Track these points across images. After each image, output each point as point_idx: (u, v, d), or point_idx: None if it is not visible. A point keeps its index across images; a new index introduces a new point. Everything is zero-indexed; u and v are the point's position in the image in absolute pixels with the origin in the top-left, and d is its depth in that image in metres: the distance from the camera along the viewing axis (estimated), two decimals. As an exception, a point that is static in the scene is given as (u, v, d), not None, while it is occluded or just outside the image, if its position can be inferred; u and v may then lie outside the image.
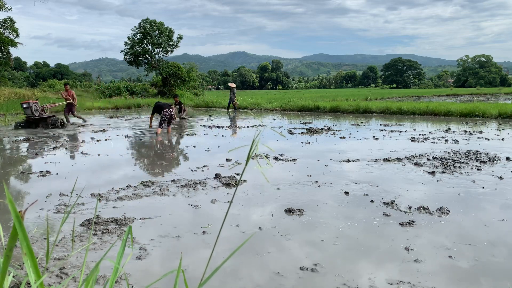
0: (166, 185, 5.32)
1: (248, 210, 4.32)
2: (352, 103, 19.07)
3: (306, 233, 3.62)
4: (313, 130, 11.37)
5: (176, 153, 8.50)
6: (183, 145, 9.31)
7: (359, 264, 3.00)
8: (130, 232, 1.55)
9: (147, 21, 35.77)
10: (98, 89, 35.74)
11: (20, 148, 9.12)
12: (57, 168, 6.61)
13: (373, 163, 6.76)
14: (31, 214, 4.20)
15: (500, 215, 4.05)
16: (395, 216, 4.02)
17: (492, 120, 14.01)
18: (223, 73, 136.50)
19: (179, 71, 34.74)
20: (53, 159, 7.46)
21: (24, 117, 13.38)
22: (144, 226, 3.85)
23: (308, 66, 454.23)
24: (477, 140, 9.20)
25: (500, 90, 53.73)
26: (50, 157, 7.75)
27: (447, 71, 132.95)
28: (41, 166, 6.83)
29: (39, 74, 74.67)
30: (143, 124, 14.48)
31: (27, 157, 7.91)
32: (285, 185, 5.32)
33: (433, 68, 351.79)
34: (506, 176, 5.67)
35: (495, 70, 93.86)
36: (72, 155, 7.97)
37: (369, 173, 6.00)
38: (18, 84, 46.88)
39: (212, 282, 2.69)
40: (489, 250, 3.21)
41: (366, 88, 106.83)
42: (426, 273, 2.83)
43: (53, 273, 2.86)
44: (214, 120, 15.72)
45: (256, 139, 1.31)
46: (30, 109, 12.99)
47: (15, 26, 28.73)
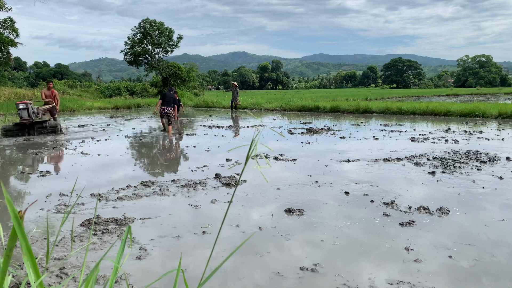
0: (166, 185, 5.32)
1: (248, 210, 4.31)
2: (352, 103, 19.07)
3: (306, 233, 3.62)
4: (313, 130, 11.37)
5: (176, 153, 8.51)
6: (183, 145, 9.31)
7: (359, 264, 3.00)
8: (130, 232, 1.55)
9: (147, 21, 35.80)
10: (98, 89, 35.78)
11: (20, 148, 9.11)
12: (57, 168, 6.61)
13: (373, 163, 6.75)
14: (31, 214, 4.20)
15: (500, 215, 4.04)
16: (395, 216, 4.02)
17: (492, 120, 14.01)
18: (223, 73, 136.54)
19: (179, 71, 34.76)
20: (53, 159, 7.46)
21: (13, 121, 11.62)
22: (144, 226, 3.85)
23: (308, 66, 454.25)
24: (477, 140, 9.20)
25: (500, 90, 53.75)
26: (50, 157, 7.75)
27: (447, 71, 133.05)
28: (41, 166, 6.83)
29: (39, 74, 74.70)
30: (143, 124, 14.49)
31: (26, 156, 7.90)
32: (285, 185, 5.32)
33: (433, 68, 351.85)
34: (506, 176, 5.67)
35: (495, 70, 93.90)
36: (72, 155, 7.97)
37: (369, 173, 5.99)
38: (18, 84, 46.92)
39: (212, 282, 2.69)
40: (489, 250, 3.21)
41: (366, 88, 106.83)
42: (426, 273, 2.83)
43: (53, 273, 2.86)
44: (214, 120, 15.72)
45: (255, 139, 1.31)
46: (27, 111, 11.13)
47: (15, 26, 28.75)
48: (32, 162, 7.32)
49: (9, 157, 8.05)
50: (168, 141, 10.19)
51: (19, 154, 8.31)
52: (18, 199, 4.94)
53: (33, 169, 6.65)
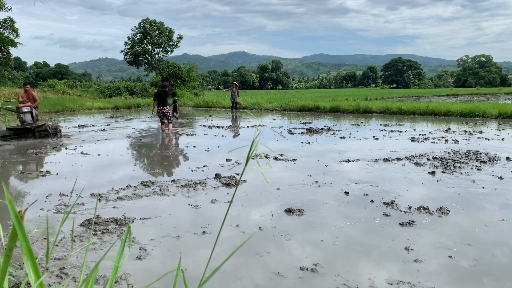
0: (166, 185, 5.32)
1: (248, 210, 4.31)
2: (352, 103, 19.07)
3: (306, 233, 3.62)
4: (313, 130, 11.37)
5: (176, 153, 8.51)
6: (183, 145, 9.31)
7: (359, 264, 3.00)
8: (129, 232, 1.55)
9: (147, 21, 35.79)
10: (98, 89, 35.77)
11: (20, 148, 9.11)
12: (57, 168, 6.61)
13: (373, 163, 6.75)
14: (31, 214, 4.20)
15: (500, 215, 4.04)
16: (395, 216, 4.02)
17: (492, 120, 14.00)
18: (223, 73, 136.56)
19: (179, 71, 34.76)
20: (53, 159, 7.46)
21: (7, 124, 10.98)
22: (144, 226, 3.85)
23: (308, 66, 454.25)
24: (477, 140, 9.20)
25: (500, 90, 53.72)
26: (50, 157, 7.75)
27: (447, 71, 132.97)
28: (41, 166, 6.83)
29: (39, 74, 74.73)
30: (143, 124, 14.49)
31: (27, 157, 7.90)
32: (285, 185, 5.32)
33: (433, 68, 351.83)
34: (506, 176, 5.67)
35: (495, 70, 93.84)
36: (72, 155, 7.97)
37: (369, 173, 5.99)
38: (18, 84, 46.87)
39: (212, 282, 2.68)
40: (489, 250, 3.21)
41: (366, 88, 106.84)
42: (426, 273, 2.83)
43: (53, 273, 2.86)
44: (214, 120, 15.72)
45: (256, 139, 1.31)
46: (31, 114, 10.47)
47: (15, 26, 28.74)
48: (32, 162, 7.32)
49: (9, 157, 8.05)
50: (168, 141, 10.19)
51: (19, 154, 8.31)
52: (18, 199, 4.94)
53: (33, 169, 6.65)
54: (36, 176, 6.08)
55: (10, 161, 7.62)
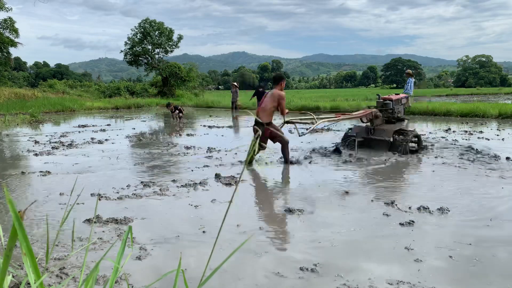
0: (166, 185, 5.32)
1: (248, 210, 4.31)
2: (352, 103, 19.07)
3: (306, 233, 3.62)
4: (313, 130, 11.35)
5: (176, 153, 8.50)
6: (183, 145, 9.30)
7: (359, 264, 3.00)
8: (130, 232, 1.55)
9: (147, 21, 35.78)
10: (98, 89, 35.77)
11: (20, 148, 9.11)
12: (57, 168, 6.61)
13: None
14: (31, 214, 4.20)
15: (500, 215, 4.04)
16: (395, 216, 4.02)
17: (492, 120, 14.00)
18: (223, 73, 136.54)
19: (179, 71, 34.74)
20: (53, 159, 7.46)
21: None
22: (144, 226, 3.85)
23: (308, 66, 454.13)
24: (477, 140, 9.19)
25: (500, 90, 53.68)
26: (50, 157, 7.75)
27: (447, 71, 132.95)
28: (41, 166, 6.83)
29: (39, 74, 74.76)
30: (143, 124, 14.48)
31: (27, 157, 7.90)
32: (285, 185, 5.32)
33: (433, 68, 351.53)
34: (506, 176, 5.66)
35: (495, 70, 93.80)
36: (72, 155, 7.97)
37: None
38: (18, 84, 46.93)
39: (212, 282, 2.68)
40: (489, 250, 3.20)
41: (366, 88, 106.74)
42: (426, 273, 2.83)
43: (53, 273, 2.86)
44: (214, 120, 15.72)
45: (255, 139, 1.31)
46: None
47: (15, 26, 28.76)
48: (32, 162, 7.32)
49: (9, 157, 8.05)
50: (168, 141, 10.19)
51: (19, 154, 8.31)
52: (18, 199, 4.94)
53: (33, 169, 6.65)
54: (36, 176, 6.08)
55: (10, 160, 7.61)
